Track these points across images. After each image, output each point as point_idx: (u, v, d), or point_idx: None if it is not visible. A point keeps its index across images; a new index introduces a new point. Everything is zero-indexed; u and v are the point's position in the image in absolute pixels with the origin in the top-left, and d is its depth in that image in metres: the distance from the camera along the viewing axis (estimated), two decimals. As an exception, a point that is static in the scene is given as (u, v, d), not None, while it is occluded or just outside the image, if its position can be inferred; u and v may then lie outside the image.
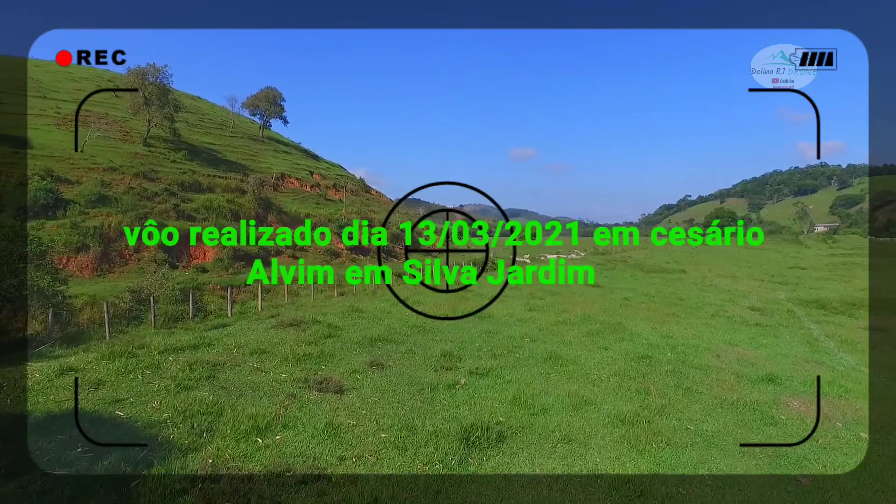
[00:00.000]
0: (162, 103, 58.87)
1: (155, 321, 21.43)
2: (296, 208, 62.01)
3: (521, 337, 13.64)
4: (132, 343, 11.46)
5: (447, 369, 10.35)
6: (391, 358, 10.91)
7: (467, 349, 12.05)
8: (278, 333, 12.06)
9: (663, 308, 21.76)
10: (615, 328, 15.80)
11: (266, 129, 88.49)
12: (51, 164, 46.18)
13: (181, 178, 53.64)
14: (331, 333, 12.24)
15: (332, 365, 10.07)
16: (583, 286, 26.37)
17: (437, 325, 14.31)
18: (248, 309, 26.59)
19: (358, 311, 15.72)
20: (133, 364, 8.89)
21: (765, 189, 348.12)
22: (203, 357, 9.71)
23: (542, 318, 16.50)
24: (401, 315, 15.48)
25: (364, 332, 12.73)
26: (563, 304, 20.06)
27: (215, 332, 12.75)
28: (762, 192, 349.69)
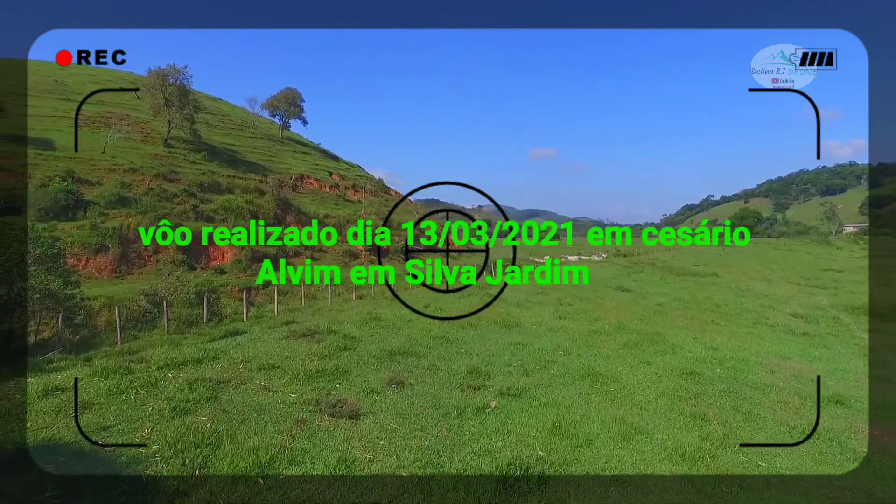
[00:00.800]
0: (182, 104, 58.92)
1: (168, 326, 20.77)
2: (315, 209, 61.52)
3: (553, 349, 12.48)
4: (131, 356, 10.64)
5: (475, 389, 9.26)
6: (412, 374, 9.87)
7: (495, 364, 10.95)
8: (290, 345, 11.10)
9: (700, 315, 20.36)
10: (654, 339, 14.54)
11: (285, 129, 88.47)
12: (72, 165, 46.31)
13: (201, 178, 53.48)
14: (347, 345, 11.24)
15: (347, 383, 9.06)
16: (613, 290, 25.01)
17: (460, 336, 13.23)
18: (264, 313, 25.86)
19: (376, 318, 14.72)
20: (127, 382, 8.00)
21: (791, 189, 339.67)
22: (205, 374, 8.79)
23: (574, 328, 15.31)
24: (422, 324, 14.44)
25: (383, 344, 11.71)
26: (593, 310, 18.81)
27: (224, 342, 11.86)
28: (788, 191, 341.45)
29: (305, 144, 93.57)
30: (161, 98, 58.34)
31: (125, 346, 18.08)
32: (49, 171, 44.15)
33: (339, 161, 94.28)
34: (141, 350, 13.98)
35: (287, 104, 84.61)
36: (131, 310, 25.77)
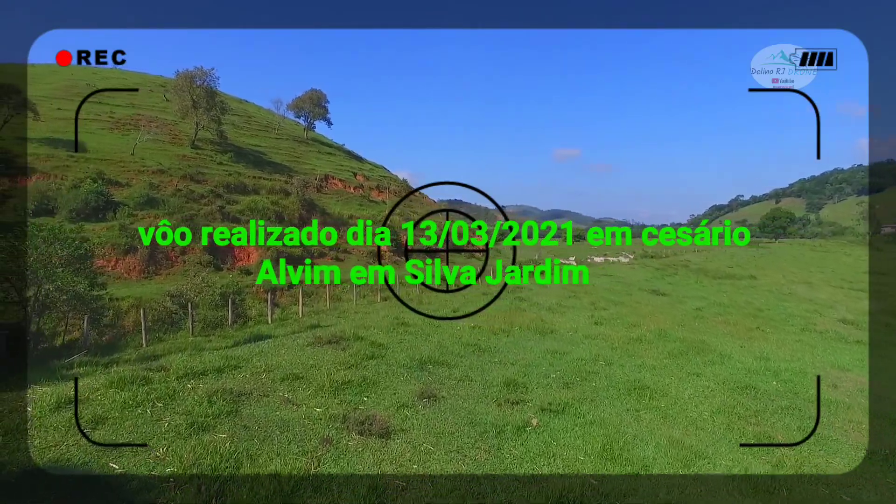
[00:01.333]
0: (209, 106, 59.53)
1: (193, 328, 20.56)
2: (339, 210, 61.50)
3: (592, 359, 11.67)
4: (152, 361, 10.24)
5: (513, 403, 8.55)
6: (445, 386, 9.20)
7: (533, 375, 10.20)
8: (315, 353, 10.54)
9: (743, 321, 19.23)
10: (699, 347, 13.59)
11: (310, 130, 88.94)
12: (103, 166, 47.07)
13: (227, 179, 53.90)
14: (374, 354, 10.64)
15: (375, 396, 8.44)
16: (648, 294, 23.94)
17: (493, 344, 12.51)
18: (288, 315, 25.59)
19: (404, 324, 14.09)
20: (144, 394, 7.51)
21: (825, 188, 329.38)
22: (227, 385, 8.27)
23: (613, 334, 14.44)
24: (451, 330, 13.76)
25: (412, 352, 11.07)
26: (630, 315, 17.88)
27: (246, 348, 11.38)
28: (822, 191, 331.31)
29: (330, 145, 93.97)
30: (189, 100, 59.04)
31: (149, 348, 17.91)
32: (80, 173, 44.94)
33: (363, 161, 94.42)
34: (163, 355, 13.67)
35: (312, 105, 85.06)
36: (157, 311, 25.76)
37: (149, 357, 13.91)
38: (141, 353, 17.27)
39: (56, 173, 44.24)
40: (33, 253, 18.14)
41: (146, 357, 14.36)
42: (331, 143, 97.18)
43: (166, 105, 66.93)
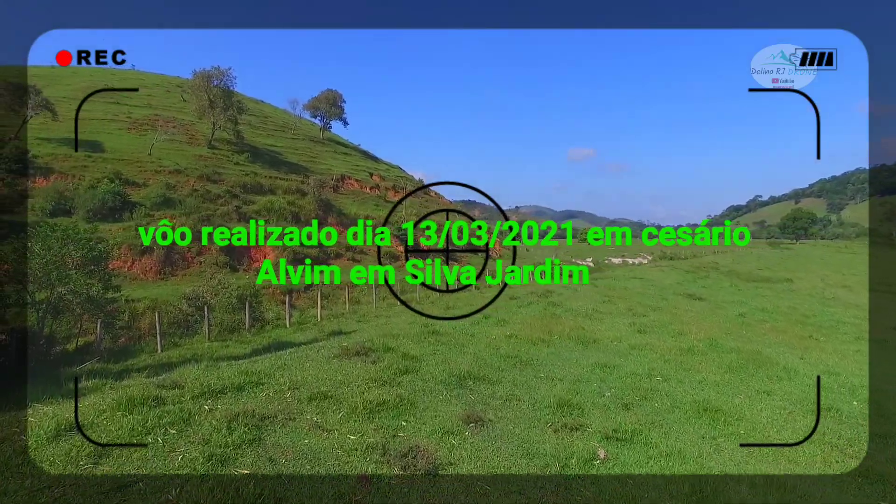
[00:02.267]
0: (226, 106, 59.21)
1: (209, 332, 19.78)
2: (355, 210, 60.81)
3: (646, 374, 10.54)
4: (166, 373, 9.34)
5: (571, 429, 7.47)
6: (490, 407, 8.16)
7: (585, 394, 9.11)
8: (343, 367, 9.56)
9: (793, 328, 17.90)
10: (756, 359, 12.38)
11: (326, 130, 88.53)
12: (120, 166, 46.84)
13: (243, 179, 53.46)
14: (408, 367, 9.62)
15: (415, 419, 7.42)
16: (684, 298, 22.63)
17: (534, 356, 11.43)
18: (307, 318, 24.74)
19: (435, 332, 13.04)
20: (155, 418, 6.59)
21: (846, 188, 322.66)
22: (248, 405, 7.32)
23: (660, 344, 13.27)
24: (487, 340, 12.71)
25: (448, 366, 10.04)
26: (673, 322, 16.67)
27: (267, 359, 10.43)
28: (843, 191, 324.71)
29: (346, 145, 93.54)
30: (206, 100, 58.76)
31: (164, 354, 17.13)
32: (97, 173, 44.72)
33: (378, 161, 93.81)
34: (178, 363, 12.84)
35: (328, 105, 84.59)
36: (173, 314, 25.09)
37: (163, 365, 13.12)
38: (156, 359, 16.50)
39: (74, 173, 44.11)
40: (46, 254, 17.47)
41: (160, 365, 13.57)
42: (347, 143, 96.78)
43: (184, 105, 66.88)
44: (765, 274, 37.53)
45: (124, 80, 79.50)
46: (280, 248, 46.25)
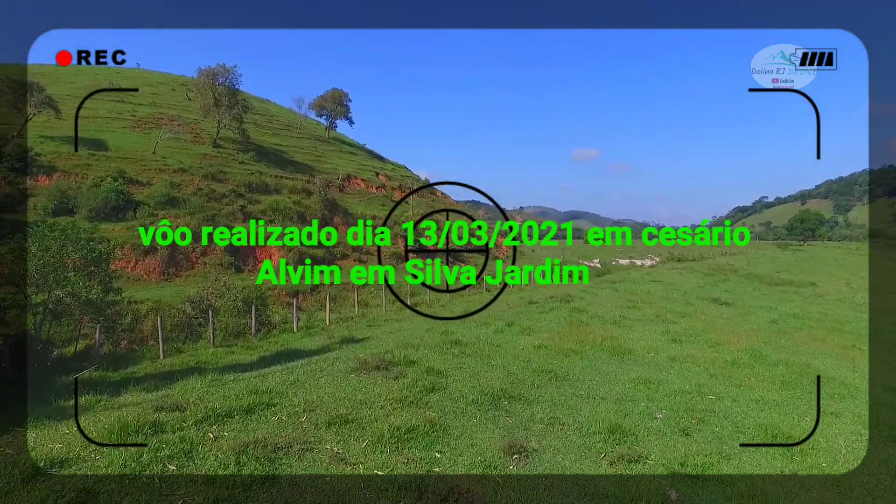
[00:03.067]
0: (231, 104, 58.44)
1: (213, 338, 18.86)
2: (362, 210, 59.95)
3: (696, 391, 9.54)
4: (166, 391, 8.41)
5: (630, 461, 6.50)
6: (531, 433, 7.19)
7: (634, 416, 8.13)
8: (362, 384, 8.59)
9: (830, 337, 16.85)
10: (807, 372, 11.37)
11: (332, 129, 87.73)
12: (124, 165, 46.11)
13: (249, 178, 52.69)
14: (434, 385, 8.64)
15: (450, 450, 6.46)
16: (709, 303, 21.58)
17: (568, 370, 10.44)
18: (314, 322, 23.81)
19: (457, 342, 12.08)
20: (153, 450, 5.64)
21: (853, 189, 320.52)
22: (259, 433, 6.37)
23: (700, 356, 12.26)
24: (514, 350, 11.73)
25: (478, 381, 9.06)
26: (705, 329, 15.64)
27: (278, 374, 9.47)
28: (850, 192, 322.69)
29: (351, 144, 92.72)
30: (211, 98, 58.01)
31: (166, 361, 16.25)
32: (101, 172, 43.97)
33: (384, 161, 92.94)
34: (181, 372, 11.94)
35: (333, 104, 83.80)
36: (176, 317, 24.23)
37: (164, 375, 12.22)
38: (157, 366, 15.61)
39: (77, 172, 43.40)
40: (44, 255, 16.59)
41: (162, 375, 12.68)
42: (352, 142, 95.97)
43: (188, 104, 66.16)
44: (785, 277, 36.40)
45: (129, 79, 78.84)
46: (285, 248, 45.44)
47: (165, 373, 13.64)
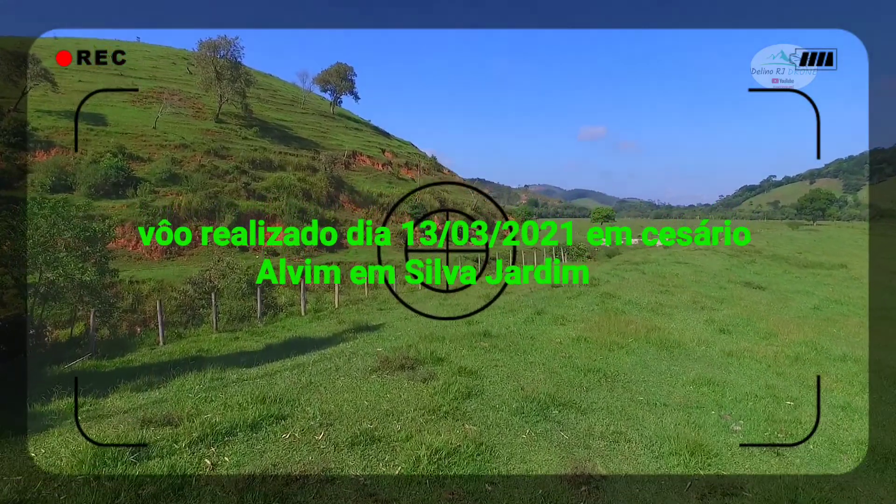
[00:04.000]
0: (233, 77, 56.64)
1: (216, 322, 17.72)
2: (368, 188, 58.47)
3: (768, 394, 8.25)
4: (157, 399, 7.21)
5: (724, 494, 5.27)
6: (595, 452, 5.95)
7: (707, 427, 6.87)
8: (386, 387, 7.35)
9: (882, 326, 15.53)
10: (881, 370, 10.10)
11: (337, 105, 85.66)
12: (124, 140, 44.72)
13: (252, 155, 51.20)
14: (469, 388, 7.39)
15: (502, 480, 5.22)
16: (742, 287, 20.22)
17: (616, 367, 9.15)
18: (323, 305, 22.64)
19: (486, 333, 10.81)
20: (133, 488, 4.43)
21: (863, 169, 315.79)
22: (266, 458, 5.17)
23: (756, 350, 10.96)
24: (550, 343, 10.45)
25: (518, 385, 7.81)
26: (750, 317, 14.29)
27: (287, 373, 8.26)
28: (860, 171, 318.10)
29: (357, 120, 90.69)
30: (212, 71, 56.21)
31: (166, 348, 15.14)
32: (100, 147, 42.59)
33: (390, 138, 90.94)
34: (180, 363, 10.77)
35: (338, 79, 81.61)
36: (178, 300, 23.11)
37: (162, 367, 11.03)
38: (155, 354, 14.44)
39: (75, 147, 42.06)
40: (33, 234, 15.39)
41: (159, 366, 11.51)
42: (358, 118, 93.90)
43: (190, 78, 64.32)
44: (811, 258, 34.89)
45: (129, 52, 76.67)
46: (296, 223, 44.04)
47: (163, 363, 12.50)
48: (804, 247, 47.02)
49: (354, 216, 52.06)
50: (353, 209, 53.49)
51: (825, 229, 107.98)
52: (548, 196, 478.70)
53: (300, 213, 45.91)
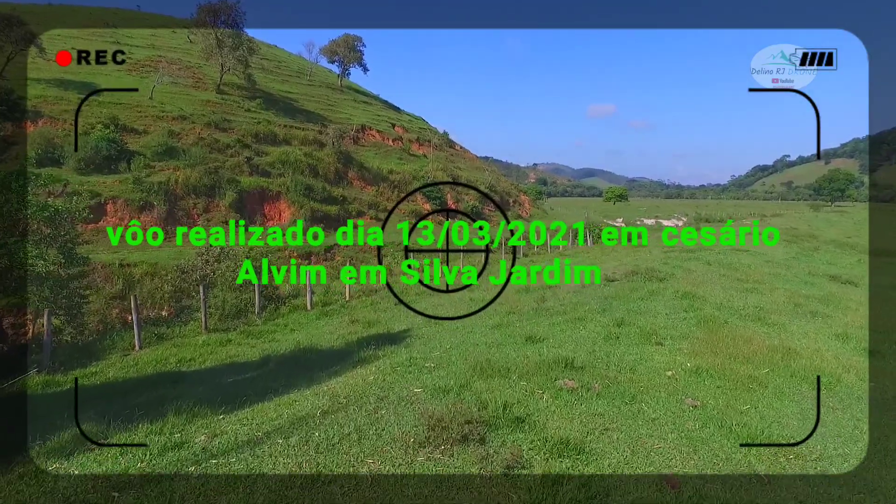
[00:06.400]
0: (235, 45, 52.96)
1: (206, 320, 14.81)
2: (378, 164, 55.10)
3: None
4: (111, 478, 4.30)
5: None
6: None
7: None
8: (446, 487, 4.36)
9: None
10: None
11: (345, 78, 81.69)
12: (117, 111, 41.48)
13: (255, 128, 47.87)
14: (585, 489, 4.40)
15: None
16: (831, 282, 16.93)
17: (776, 426, 6.13)
18: (331, 297, 19.71)
19: (568, 365, 7.66)
20: None
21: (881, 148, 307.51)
22: None
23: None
24: (658, 377, 7.35)
25: (642, 460, 4.82)
26: (887, 330, 11.19)
27: (283, 438, 5.30)
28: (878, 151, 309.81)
29: (366, 94, 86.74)
30: (212, 38, 52.58)
31: (142, 354, 12.31)
32: (92, 118, 39.39)
33: (401, 112, 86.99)
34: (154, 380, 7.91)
35: (346, 50, 77.49)
36: (164, 290, 20.28)
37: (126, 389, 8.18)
38: (127, 365, 11.61)
39: (65, 118, 38.97)
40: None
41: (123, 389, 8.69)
42: (366, 91, 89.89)
43: (190, 47, 60.69)
44: (864, 243, 31.41)
45: (127, 21, 72.96)
46: (297, 207, 41.18)
47: (131, 382, 9.67)
48: (847, 231, 43.44)
49: (364, 194, 48.85)
50: (362, 186, 50.24)
51: (853, 211, 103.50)
52: (556, 175, 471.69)
53: (306, 191, 42.66)
